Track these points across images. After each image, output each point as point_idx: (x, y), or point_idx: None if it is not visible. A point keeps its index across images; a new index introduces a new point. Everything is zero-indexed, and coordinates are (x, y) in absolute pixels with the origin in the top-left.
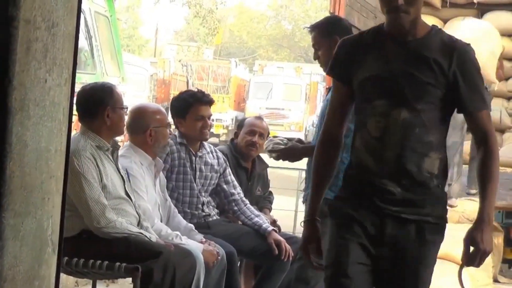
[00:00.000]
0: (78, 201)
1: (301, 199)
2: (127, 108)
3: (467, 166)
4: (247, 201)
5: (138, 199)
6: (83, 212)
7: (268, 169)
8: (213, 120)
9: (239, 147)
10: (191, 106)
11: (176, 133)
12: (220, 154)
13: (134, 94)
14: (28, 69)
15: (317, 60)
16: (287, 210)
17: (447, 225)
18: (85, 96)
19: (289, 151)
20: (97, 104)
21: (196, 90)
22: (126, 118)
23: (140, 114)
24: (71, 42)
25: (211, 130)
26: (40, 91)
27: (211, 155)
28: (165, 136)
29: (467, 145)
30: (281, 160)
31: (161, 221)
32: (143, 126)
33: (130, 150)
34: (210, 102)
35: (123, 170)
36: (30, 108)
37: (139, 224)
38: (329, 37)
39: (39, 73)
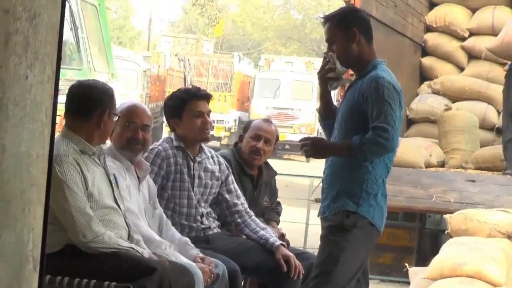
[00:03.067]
0: (61, 212)
1: (312, 210)
2: (119, 116)
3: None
4: (252, 213)
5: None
6: (67, 224)
7: (276, 177)
8: (213, 121)
9: (243, 153)
10: (186, 102)
11: (172, 136)
12: (222, 160)
13: (124, 93)
14: (7, 65)
15: None
16: (297, 222)
17: (476, 239)
18: (84, 92)
19: (320, 144)
20: (95, 106)
21: (190, 86)
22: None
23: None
24: (55, 34)
25: (212, 132)
26: (20, 89)
27: (211, 160)
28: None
29: None
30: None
31: None
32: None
33: (109, 150)
34: (207, 96)
35: (111, 174)
36: (9, 108)
37: (129, 237)
38: (346, 29)
39: (19, 69)
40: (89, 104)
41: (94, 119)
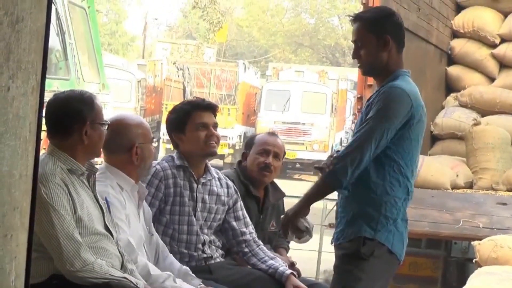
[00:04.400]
0: (46, 238)
1: (326, 237)
2: (108, 124)
3: None
4: (260, 242)
5: (117, 231)
6: (53, 252)
7: (285, 199)
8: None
9: (249, 171)
10: (189, 114)
11: (174, 154)
12: (230, 183)
13: (117, 105)
14: None
15: (356, 60)
16: (308, 250)
17: (508, 268)
18: (58, 107)
19: (290, 212)
20: (74, 118)
21: (194, 98)
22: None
23: (122, 128)
24: (40, 40)
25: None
26: (1, 102)
27: (218, 182)
28: (151, 154)
29: None
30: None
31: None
32: (127, 143)
33: (106, 173)
34: (212, 107)
35: (102, 198)
36: None
37: (122, 266)
38: (378, 33)
39: (0, 79)
40: (67, 119)
41: (75, 132)
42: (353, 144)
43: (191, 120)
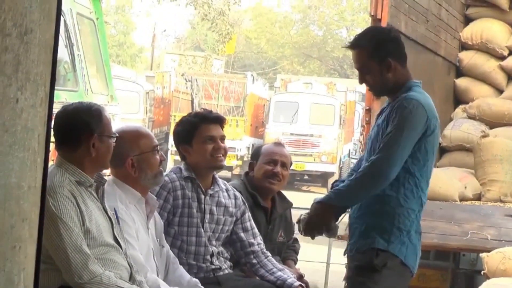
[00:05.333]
0: (54, 250)
1: (334, 248)
2: (116, 136)
3: None
4: (268, 253)
5: (127, 247)
6: (61, 264)
7: (292, 210)
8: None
9: (257, 181)
10: (196, 127)
11: (182, 165)
12: (238, 194)
13: (125, 117)
14: None
15: (364, 84)
16: (316, 262)
17: None
18: (66, 119)
19: (311, 219)
20: (82, 131)
21: (202, 109)
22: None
23: (117, 142)
24: (49, 52)
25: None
26: (10, 114)
27: (225, 193)
28: (152, 164)
29: None
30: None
31: (157, 274)
32: (121, 157)
33: (113, 186)
34: (219, 120)
35: (111, 210)
36: None
37: (131, 278)
38: (380, 59)
39: (9, 91)
40: (75, 131)
41: (83, 144)
42: (379, 156)
43: (198, 132)
